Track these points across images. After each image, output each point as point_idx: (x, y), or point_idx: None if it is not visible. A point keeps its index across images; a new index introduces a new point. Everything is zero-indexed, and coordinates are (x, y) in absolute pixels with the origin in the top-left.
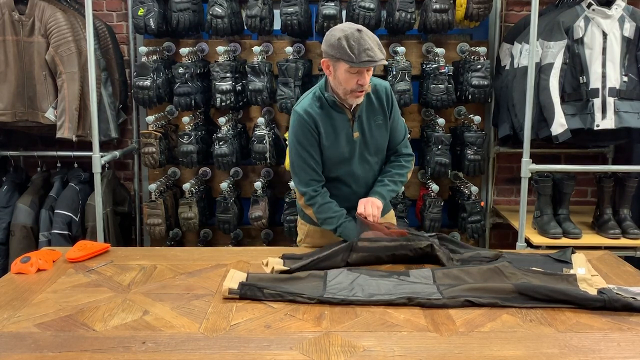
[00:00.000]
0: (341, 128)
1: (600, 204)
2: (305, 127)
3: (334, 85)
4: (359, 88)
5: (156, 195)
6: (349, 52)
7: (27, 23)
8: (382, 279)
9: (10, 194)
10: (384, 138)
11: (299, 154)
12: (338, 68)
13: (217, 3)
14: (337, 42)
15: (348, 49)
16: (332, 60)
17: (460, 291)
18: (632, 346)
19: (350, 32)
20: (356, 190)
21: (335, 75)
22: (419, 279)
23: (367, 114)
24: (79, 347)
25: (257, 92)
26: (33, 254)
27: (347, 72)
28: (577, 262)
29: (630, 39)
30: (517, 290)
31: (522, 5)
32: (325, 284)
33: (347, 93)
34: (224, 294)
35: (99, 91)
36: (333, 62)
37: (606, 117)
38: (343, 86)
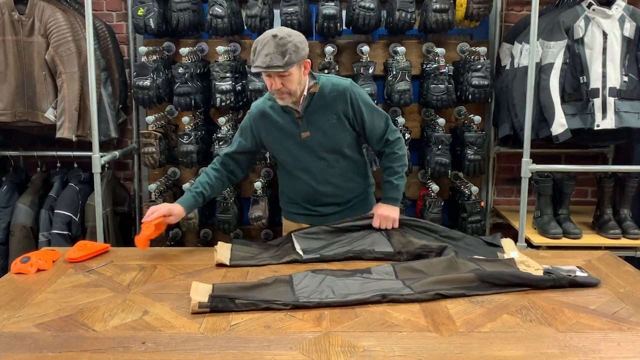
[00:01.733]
0: (288, 128)
1: (600, 204)
2: (248, 121)
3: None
4: (275, 92)
5: (156, 195)
6: (251, 56)
7: (26, 23)
8: (347, 279)
9: (10, 194)
10: (342, 137)
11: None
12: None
13: (217, 3)
14: (252, 48)
15: (252, 53)
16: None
17: (428, 285)
18: (632, 346)
19: (263, 37)
20: (316, 186)
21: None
22: (382, 275)
23: (318, 114)
24: (79, 347)
25: (257, 92)
26: (33, 254)
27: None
28: (507, 246)
29: (631, 39)
30: (479, 278)
31: (522, 5)
32: (293, 288)
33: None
34: (193, 309)
35: (98, 91)
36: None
37: (606, 117)
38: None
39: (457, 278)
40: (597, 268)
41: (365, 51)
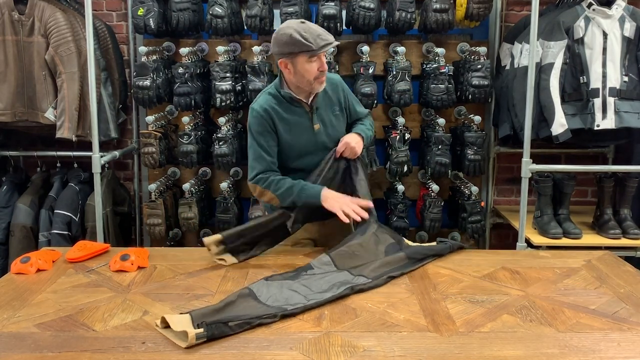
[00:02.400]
0: (300, 122)
1: (600, 204)
2: (263, 123)
3: (294, 81)
4: (321, 75)
5: (156, 195)
6: (306, 43)
7: (26, 23)
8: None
9: (10, 194)
10: (342, 128)
11: (256, 148)
12: (297, 63)
13: (217, 3)
14: (289, 38)
15: (304, 40)
16: (289, 57)
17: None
18: (632, 346)
19: (297, 25)
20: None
21: (296, 70)
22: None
23: (324, 106)
24: (79, 347)
25: (257, 92)
26: (33, 254)
27: (307, 62)
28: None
29: (631, 39)
30: (407, 256)
31: (522, 5)
32: (260, 302)
33: (311, 83)
34: (191, 343)
35: (98, 91)
36: (291, 59)
37: (606, 117)
38: (306, 77)
39: (393, 259)
40: (597, 268)
41: (365, 51)
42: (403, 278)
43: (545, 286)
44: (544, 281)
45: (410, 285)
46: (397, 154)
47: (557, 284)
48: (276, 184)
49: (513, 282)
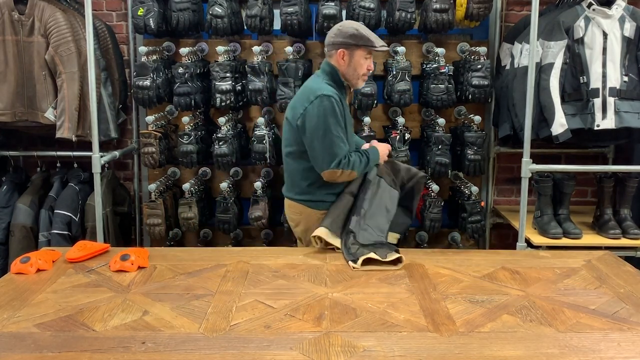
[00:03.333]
0: (346, 112)
1: (600, 204)
2: (340, 107)
3: (345, 72)
4: (367, 73)
5: (156, 195)
6: (370, 39)
7: (26, 23)
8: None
9: (10, 194)
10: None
11: (337, 134)
12: (355, 55)
13: (217, 3)
14: (356, 31)
15: (368, 36)
16: (350, 49)
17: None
18: (632, 346)
19: (359, 25)
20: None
21: (351, 62)
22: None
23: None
24: (79, 347)
25: (257, 92)
26: (33, 254)
27: (363, 57)
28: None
29: (631, 39)
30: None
31: (522, 5)
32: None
33: (358, 77)
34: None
35: (98, 91)
36: (351, 51)
37: (606, 117)
38: (357, 71)
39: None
40: (597, 268)
41: None
42: (403, 278)
43: (545, 286)
44: (544, 281)
45: (410, 285)
46: (397, 154)
47: (557, 284)
48: (352, 162)
49: (513, 282)
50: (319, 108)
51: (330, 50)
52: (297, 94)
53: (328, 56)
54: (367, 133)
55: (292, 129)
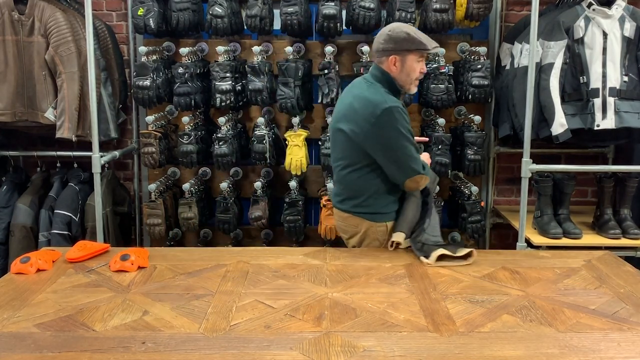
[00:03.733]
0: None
1: (600, 204)
2: (407, 117)
3: (399, 78)
4: (420, 76)
5: (156, 195)
6: (422, 42)
7: (26, 23)
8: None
9: (10, 194)
10: None
11: (410, 143)
12: (408, 60)
13: (217, 3)
14: (407, 36)
15: (420, 39)
16: (402, 54)
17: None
18: (632, 346)
19: (408, 27)
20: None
21: (404, 67)
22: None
23: None
24: (79, 347)
25: (257, 92)
26: (33, 254)
27: (416, 61)
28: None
29: (631, 39)
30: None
31: (522, 5)
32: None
33: (411, 82)
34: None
35: (98, 91)
36: (402, 56)
37: (606, 117)
38: (410, 76)
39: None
40: (597, 268)
41: (365, 51)
42: (403, 278)
43: (545, 286)
44: (544, 281)
45: (410, 285)
46: None
47: (557, 284)
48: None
49: (513, 282)
50: (387, 122)
51: (380, 57)
52: (351, 102)
53: (378, 62)
54: None
55: (350, 142)
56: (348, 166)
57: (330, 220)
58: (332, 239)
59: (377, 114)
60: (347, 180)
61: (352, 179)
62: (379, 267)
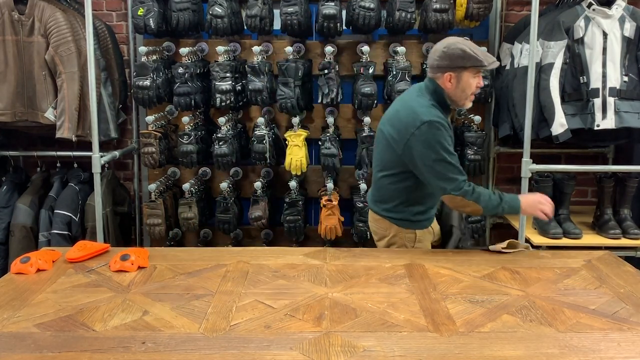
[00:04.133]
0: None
1: (600, 204)
2: (448, 133)
3: (452, 94)
4: (476, 90)
5: (156, 195)
6: (479, 58)
7: (26, 23)
8: None
9: (10, 194)
10: None
11: (452, 158)
12: (463, 77)
13: (217, 3)
14: (463, 53)
15: (476, 55)
16: (457, 71)
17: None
18: (632, 346)
19: (464, 42)
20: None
21: (459, 84)
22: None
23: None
24: (79, 347)
25: (257, 92)
26: (33, 254)
27: (472, 77)
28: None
29: (631, 39)
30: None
31: (522, 5)
32: None
33: (467, 97)
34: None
35: (98, 91)
36: (458, 73)
37: (606, 117)
38: (466, 92)
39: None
40: (597, 268)
41: (365, 51)
42: (403, 278)
43: (545, 286)
44: (544, 281)
45: (410, 285)
46: None
47: (557, 284)
48: (478, 194)
49: (513, 282)
50: (426, 135)
51: (435, 73)
52: (398, 108)
53: (433, 77)
54: (367, 133)
55: (389, 147)
56: (383, 170)
57: (330, 220)
58: (332, 239)
59: (417, 125)
60: (380, 183)
61: (385, 184)
62: (379, 267)
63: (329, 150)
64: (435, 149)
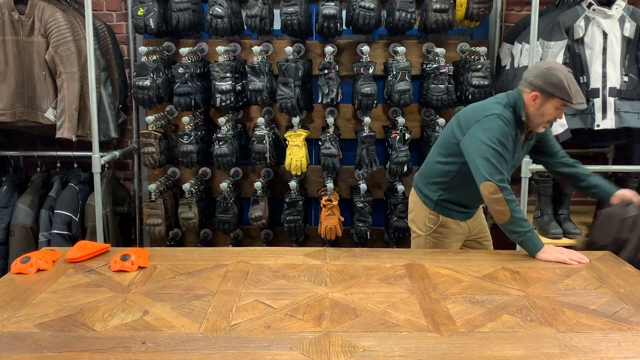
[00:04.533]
0: (516, 145)
1: (600, 204)
2: (508, 131)
3: (532, 114)
4: (553, 120)
5: (156, 195)
6: (570, 94)
7: (26, 23)
8: None
9: (10, 194)
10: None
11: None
12: (548, 103)
13: (217, 3)
14: (559, 82)
15: (569, 90)
16: (545, 95)
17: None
18: (633, 346)
19: (567, 73)
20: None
21: (541, 107)
22: None
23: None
24: (79, 347)
25: (257, 92)
26: (33, 254)
27: (555, 108)
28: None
29: (631, 39)
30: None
31: (522, 5)
32: None
33: (542, 122)
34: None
35: (98, 91)
36: (545, 97)
37: (606, 117)
38: (543, 117)
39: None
40: (597, 268)
41: (365, 51)
42: (403, 278)
43: (545, 286)
44: (544, 281)
45: (410, 285)
46: (397, 154)
47: (557, 284)
48: (517, 207)
49: (513, 282)
50: (491, 124)
51: (525, 87)
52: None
53: (521, 89)
54: (367, 133)
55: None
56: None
57: (330, 220)
58: (332, 239)
59: (485, 114)
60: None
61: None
62: (379, 267)
63: (329, 150)
64: (495, 138)
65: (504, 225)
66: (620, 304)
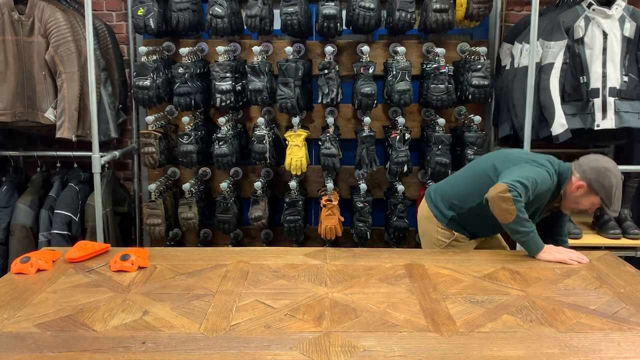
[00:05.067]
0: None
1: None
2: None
3: (568, 195)
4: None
5: (156, 195)
6: (612, 200)
7: (26, 23)
8: None
9: (10, 194)
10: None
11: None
12: (590, 197)
13: (217, 3)
14: (609, 187)
15: (613, 197)
16: (590, 189)
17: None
18: (633, 346)
19: (618, 181)
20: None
21: (581, 197)
22: None
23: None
24: (79, 347)
25: (257, 92)
26: (33, 254)
27: (592, 202)
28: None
29: (631, 39)
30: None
31: (522, 5)
32: None
33: (573, 208)
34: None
35: (98, 91)
36: (589, 190)
37: (606, 117)
38: (577, 205)
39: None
40: (597, 268)
41: (365, 51)
42: (403, 278)
43: (545, 286)
44: (544, 281)
45: (410, 285)
46: (397, 154)
47: (557, 284)
48: (522, 208)
49: (513, 282)
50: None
51: (578, 171)
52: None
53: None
54: (367, 133)
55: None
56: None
57: (330, 220)
58: (332, 239)
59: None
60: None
61: (460, 185)
62: (379, 267)
63: (329, 150)
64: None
65: (508, 225)
66: (620, 304)
